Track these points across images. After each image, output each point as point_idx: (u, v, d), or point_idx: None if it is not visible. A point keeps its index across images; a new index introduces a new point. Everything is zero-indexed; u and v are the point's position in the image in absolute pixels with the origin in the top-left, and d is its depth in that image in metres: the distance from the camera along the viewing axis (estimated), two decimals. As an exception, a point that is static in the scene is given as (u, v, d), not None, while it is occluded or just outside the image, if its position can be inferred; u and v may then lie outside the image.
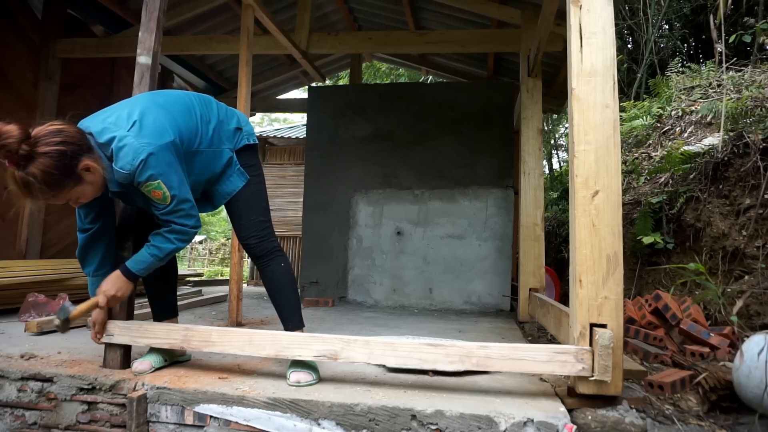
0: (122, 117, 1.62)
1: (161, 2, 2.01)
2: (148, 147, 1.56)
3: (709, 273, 3.11)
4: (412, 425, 1.50)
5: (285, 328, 1.91)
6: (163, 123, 1.64)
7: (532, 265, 3.55)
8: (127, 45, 4.30)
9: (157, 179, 1.58)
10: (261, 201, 1.95)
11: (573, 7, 1.70)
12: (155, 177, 1.57)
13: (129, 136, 1.57)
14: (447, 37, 4.33)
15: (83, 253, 1.82)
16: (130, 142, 1.56)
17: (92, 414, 1.71)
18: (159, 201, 1.63)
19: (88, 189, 1.59)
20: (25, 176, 1.44)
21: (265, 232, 1.93)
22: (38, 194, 1.48)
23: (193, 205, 1.70)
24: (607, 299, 1.57)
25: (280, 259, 1.94)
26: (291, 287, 1.95)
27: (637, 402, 1.69)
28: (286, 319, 1.93)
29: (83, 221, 1.79)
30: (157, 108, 1.68)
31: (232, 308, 3.01)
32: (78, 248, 1.82)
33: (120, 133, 1.57)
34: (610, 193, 1.60)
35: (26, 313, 2.84)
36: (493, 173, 4.61)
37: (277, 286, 1.93)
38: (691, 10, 6.90)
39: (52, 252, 4.45)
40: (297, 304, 1.96)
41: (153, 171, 1.57)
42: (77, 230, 1.81)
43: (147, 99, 1.73)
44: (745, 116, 3.82)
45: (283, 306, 1.93)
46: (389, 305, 4.62)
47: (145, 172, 1.56)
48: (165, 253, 1.69)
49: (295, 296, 1.97)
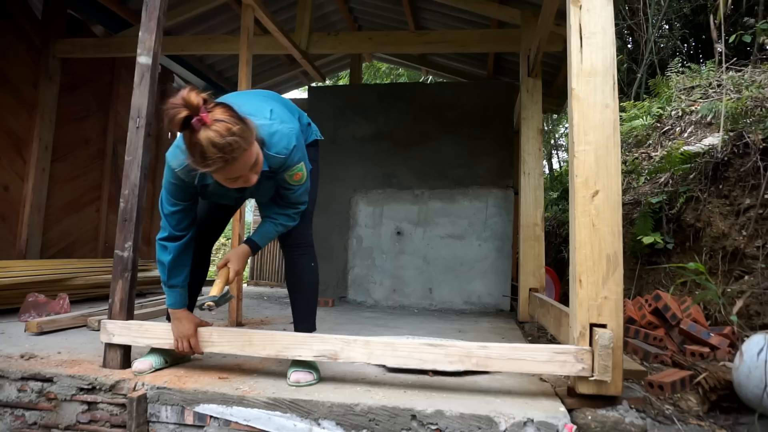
0: (256, 107, 1.62)
1: (161, 2, 2.01)
2: (294, 130, 1.64)
3: (709, 273, 3.11)
4: (412, 425, 1.50)
5: (295, 328, 1.90)
6: (285, 112, 1.73)
7: (532, 265, 3.55)
8: (127, 45, 4.30)
9: (301, 161, 1.68)
10: (314, 194, 1.98)
11: (573, 7, 1.70)
12: (301, 159, 1.67)
13: (275, 123, 1.60)
14: (447, 37, 4.33)
15: (175, 263, 1.73)
16: (280, 128, 1.59)
17: (92, 414, 1.71)
18: (297, 183, 1.72)
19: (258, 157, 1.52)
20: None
21: (310, 223, 1.96)
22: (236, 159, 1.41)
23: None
24: (607, 299, 1.57)
25: (311, 257, 1.94)
26: (315, 289, 1.95)
27: (637, 402, 1.69)
28: (300, 319, 1.91)
29: (175, 228, 1.70)
30: (269, 100, 1.76)
31: (232, 308, 3.01)
32: (167, 259, 1.72)
33: (265, 121, 1.57)
34: (610, 193, 1.60)
35: (26, 313, 2.84)
36: (493, 173, 4.61)
37: (301, 284, 1.92)
38: (691, 10, 6.90)
39: (52, 252, 4.45)
40: (315, 307, 1.96)
41: (300, 153, 1.66)
42: (163, 240, 1.72)
43: (253, 93, 1.81)
44: (745, 116, 3.82)
45: (302, 306, 1.92)
46: (389, 305, 4.62)
47: (296, 154, 1.63)
48: (285, 230, 1.81)
49: (315, 299, 1.97)
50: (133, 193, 1.90)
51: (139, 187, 1.91)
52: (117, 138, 5.10)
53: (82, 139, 4.79)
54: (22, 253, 4.06)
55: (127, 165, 1.92)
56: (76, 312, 2.81)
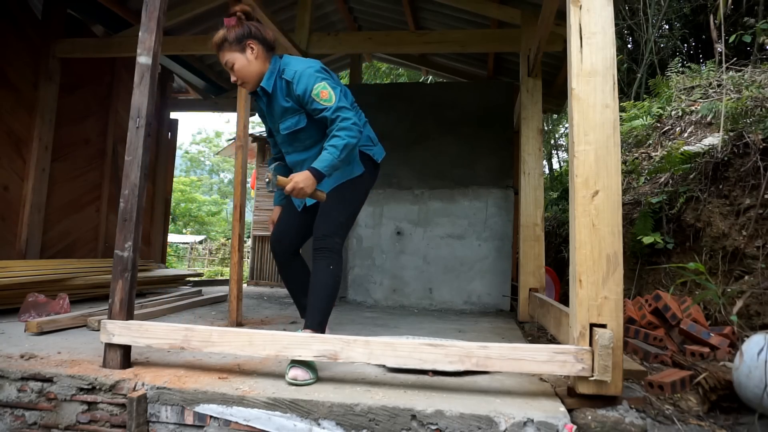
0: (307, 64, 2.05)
1: (161, 2, 2.01)
2: (319, 64, 2.04)
3: (709, 273, 3.11)
4: (412, 425, 1.50)
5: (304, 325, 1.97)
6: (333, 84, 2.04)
7: (532, 265, 3.55)
8: (127, 45, 4.30)
9: (324, 80, 1.98)
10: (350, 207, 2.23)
11: (573, 7, 1.70)
12: (323, 79, 1.98)
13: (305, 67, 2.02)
14: (447, 37, 4.33)
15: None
16: (303, 70, 2.00)
17: (92, 414, 1.71)
18: (326, 101, 1.96)
19: (241, 63, 2.03)
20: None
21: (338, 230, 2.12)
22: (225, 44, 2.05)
23: (353, 112, 2.00)
24: (607, 299, 1.57)
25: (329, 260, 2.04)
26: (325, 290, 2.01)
27: (637, 402, 1.69)
28: (307, 316, 1.99)
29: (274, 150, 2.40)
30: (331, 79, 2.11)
31: (232, 308, 3.01)
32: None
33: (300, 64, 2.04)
34: (610, 193, 1.60)
35: (26, 313, 2.84)
36: (493, 173, 4.61)
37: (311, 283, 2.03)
38: (691, 10, 6.91)
39: (52, 252, 4.45)
40: (322, 307, 1.99)
41: (322, 75, 2.00)
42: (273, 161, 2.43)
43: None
44: (745, 116, 3.83)
45: (310, 303, 2.00)
46: (389, 305, 4.62)
47: (319, 74, 2.00)
48: (340, 149, 1.93)
49: (324, 300, 2.00)
50: (133, 193, 1.90)
51: (139, 187, 1.91)
52: (117, 138, 5.10)
53: (82, 139, 4.79)
54: (22, 253, 4.06)
55: (127, 165, 1.92)
56: (76, 312, 2.81)
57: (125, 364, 1.85)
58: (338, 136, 1.94)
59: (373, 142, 2.33)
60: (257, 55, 2.04)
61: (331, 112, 1.96)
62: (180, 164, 30.65)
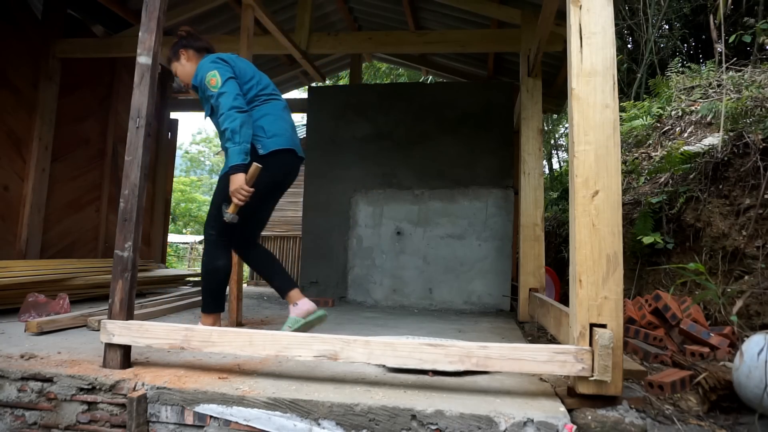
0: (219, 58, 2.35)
1: (161, 2, 2.01)
2: (222, 55, 2.32)
3: (709, 273, 3.11)
4: (412, 425, 1.50)
5: None
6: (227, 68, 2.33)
7: (532, 265, 3.55)
8: (127, 45, 4.30)
9: (217, 69, 2.21)
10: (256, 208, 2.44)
11: (573, 7, 1.70)
12: (215, 68, 2.22)
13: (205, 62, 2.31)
14: (447, 37, 4.33)
15: None
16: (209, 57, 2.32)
17: (92, 414, 1.71)
18: (214, 87, 2.18)
19: (179, 68, 2.45)
20: None
21: (211, 222, 2.37)
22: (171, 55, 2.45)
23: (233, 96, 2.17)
24: (607, 299, 1.57)
25: (205, 252, 2.40)
26: (203, 279, 2.41)
27: (637, 402, 1.69)
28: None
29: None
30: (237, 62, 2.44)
31: (232, 308, 3.01)
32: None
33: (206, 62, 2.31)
34: (610, 193, 1.60)
35: (26, 313, 2.84)
36: (493, 173, 4.61)
37: None
38: (691, 10, 6.90)
39: (52, 252, 4.45)
40: (204, 293, 2.40)
41: (216, 64, 2.24)
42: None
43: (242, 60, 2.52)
44: (745, 116, 3.82)
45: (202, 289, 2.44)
46: (389, 305, 4.62)
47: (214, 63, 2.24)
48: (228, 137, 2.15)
49: (206, 287, 2.39)
50: (133, 193, 1.90)
51: (139, 187, 1.91)
52: (117, 138, 5.10)
53: (82, 139, 4.79)
54: (22, 253, 4.06)
55: (127, 165, 1.92)
56: (76, 312, 2.81)
57: (125, 364, 1.85)
58: (222, 123, 2.17)
59: (266, 135, 2.32)
60: (188, 58, 2.42)
61: (215, 99, 2.19)
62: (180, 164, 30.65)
